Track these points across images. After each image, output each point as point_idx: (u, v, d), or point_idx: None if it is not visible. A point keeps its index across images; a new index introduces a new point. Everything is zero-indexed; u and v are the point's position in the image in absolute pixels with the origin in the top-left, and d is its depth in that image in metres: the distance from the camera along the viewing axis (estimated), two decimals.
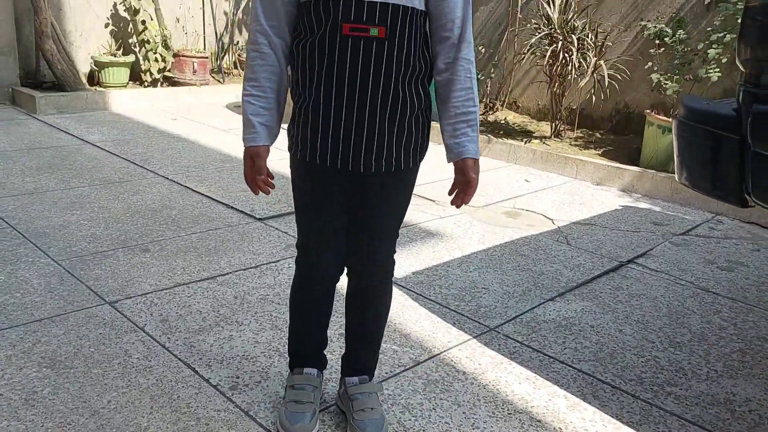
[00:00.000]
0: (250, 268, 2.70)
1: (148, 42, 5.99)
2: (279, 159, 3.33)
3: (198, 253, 2.82)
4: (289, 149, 1.62)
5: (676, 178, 1.94)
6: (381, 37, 1.42)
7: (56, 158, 4.12)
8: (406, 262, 2.87)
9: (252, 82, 1.52)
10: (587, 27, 4.61)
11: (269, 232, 3.14)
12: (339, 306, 2.23)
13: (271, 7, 1.47)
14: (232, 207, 3.47)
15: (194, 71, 6.37)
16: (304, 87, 1.51)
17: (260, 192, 1.61)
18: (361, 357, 1.75)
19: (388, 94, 1.47)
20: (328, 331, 1.78)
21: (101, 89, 5.79)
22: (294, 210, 1.69)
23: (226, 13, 7.10)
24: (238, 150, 4.61)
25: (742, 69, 1.68)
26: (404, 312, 2.40)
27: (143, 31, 5.96)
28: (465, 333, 2.28)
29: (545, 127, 5.27)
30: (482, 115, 5.70)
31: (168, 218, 3.22)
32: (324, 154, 1.52)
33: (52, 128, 4.86)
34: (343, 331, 1.82)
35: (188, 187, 3.74)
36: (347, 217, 1.61)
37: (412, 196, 1.67)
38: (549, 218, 3.65)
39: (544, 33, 4.68)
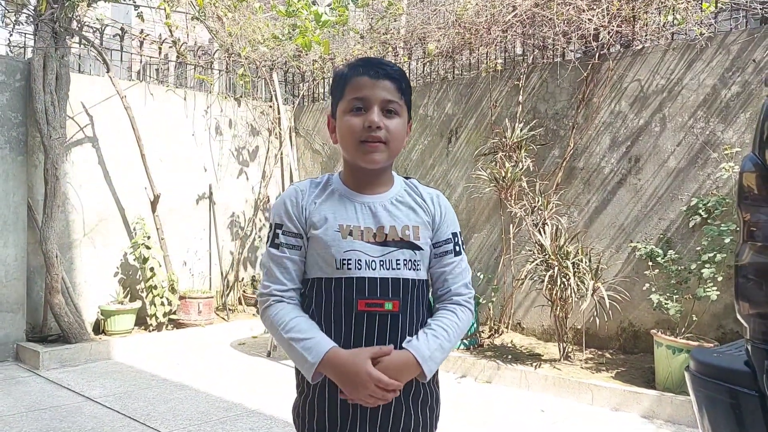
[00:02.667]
0: None
1: (156, 287, 6.16)
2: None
3: None
4: (296, 430, 1.57)
5: None
6: (395, 311, 1.46)
7: (55, 420, 3.99)
8: None
9: (286, 316, 1.47)
10: (580, 251, 4.78)
11: None
12: None
13: (289, 274, 1.51)
14: None
15: (199, 312, 6.46)
16: None
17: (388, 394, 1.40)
18: None
19: None
20: None
21: (106, 338, 5.81)
22: None
23: (231, 253, 7.40)
24: (240, 395, 4.49)
25: (744, 324, 1.70)
26: None
27: (151, 277, 6.15)
28: None
29: (553, 349, 5.21)
30: (488, 338, 5.67)
31: None
32: (333, 428, 1.46)
33: (54, 385, 4.78)
34: None
35: None
36: None
37: None
38: None
39: (539, 260, 4.84)
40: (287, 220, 1.51)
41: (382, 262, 1.46)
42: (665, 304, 4.38)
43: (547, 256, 4.80)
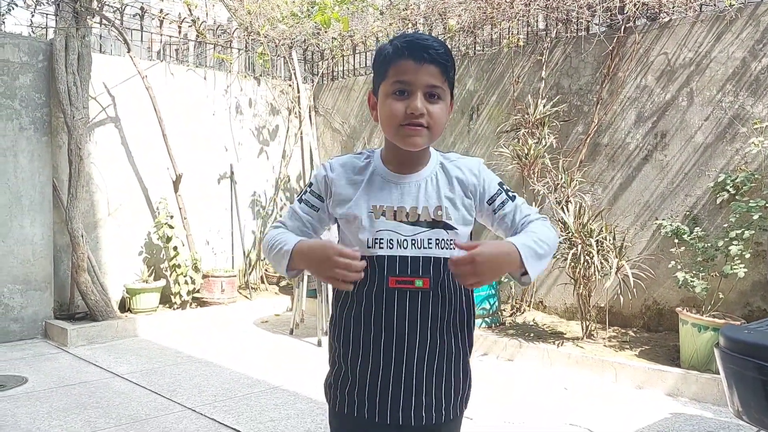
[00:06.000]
0: None
1: (179, 266, 6.22)
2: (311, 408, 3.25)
3: None
4: (328, 402, 1.58)
5: (730, 410, 1.83)
6: (426, 288, 1.46)
7: (84, 396, 4.07)
8: None
9: (272, 237, 1.57)
10: (604, 229, 4.72)
11: None
12: None
13: (291, 223, 1.59)
14: None
15: (222, 290, 6.52)
16: (346, 338, 1.51)
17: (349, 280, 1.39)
18: None
19: (433, 342, 1.48)
20: None
21: (132, 315, 5.90)
22: None
23: (253, 232, 7.44)
24: (264, 372, 4.55)
25: None
26: None
27: (175, 256, 6.21)
28: None
29: (576, 327, 5.18)
30: (510, 316, 5.66)
31: None
32: (362, 406, 1.48)
33: (82, 361, 4.87)
34: None
35: (215, 420, 3.62)
36: None
37: None
38: None
39: (562, 238, 4.79)
40: (317, 183, 1.58)
41: (413, 241, 1.47)
42: (691, 281, 4.32)
43: (570, 234, 4.75)
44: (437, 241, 1.48)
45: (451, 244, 1.49)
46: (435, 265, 1.48)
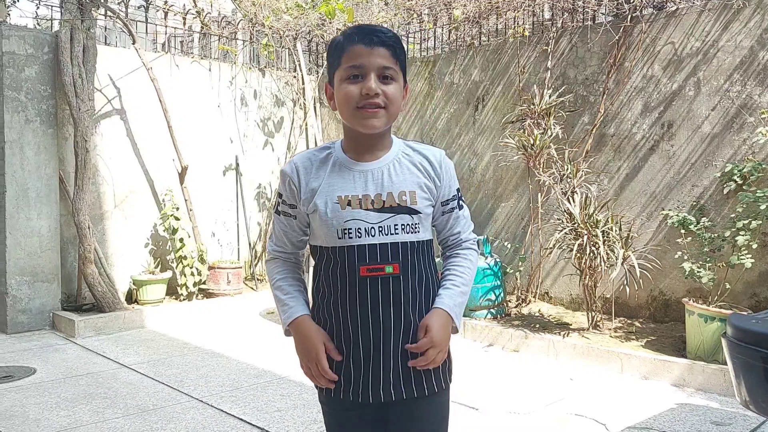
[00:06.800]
0: None
1: (185, 258, 6.24)
2: None
3: None
4: (316, 386, 1.66)
5: (737, 400, 1.83)
6: (396, 273, 1.53)
7: (92, 386, 4.09)
8: None
9: (277, 275, 1.68)
10: (610, 220, 4.71)
11: None
12: None
13: (284, 238, 1.67)
14: (266, 431, 3.34)
15: (228, 282, 6.54)
16: (325, 326, 1.60)
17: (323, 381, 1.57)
18: None
19: (407, 323, 1.55)
20: None
21: (138, 307, 5.93)
22: None
23: (259, 224, 7.45)
24: (270, 363, 4.56)
25: None
26: None
27: (181, 248, 6.23)
28: None
29: (581, 318, 5.18)
30: (515, 307, 5.66)
31: None
32: (346, 389, 1.56)
33: (89, 352, 4.90)
34: None
35: (222, 410, 3.64)
36: None
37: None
38: (601, 423, 3.43)
39: (568, 228, 4.78)
40: (285, 191, 1.62)
41: (380, 228, 1.52)
42: (697, 272, 4.31)
43: (576, 225, 4.74)
44: (403, 227, 1.54)
45: (417, 227, 1.56)
46: (403, 250, 1.54)
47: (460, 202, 1.67)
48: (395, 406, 1.56)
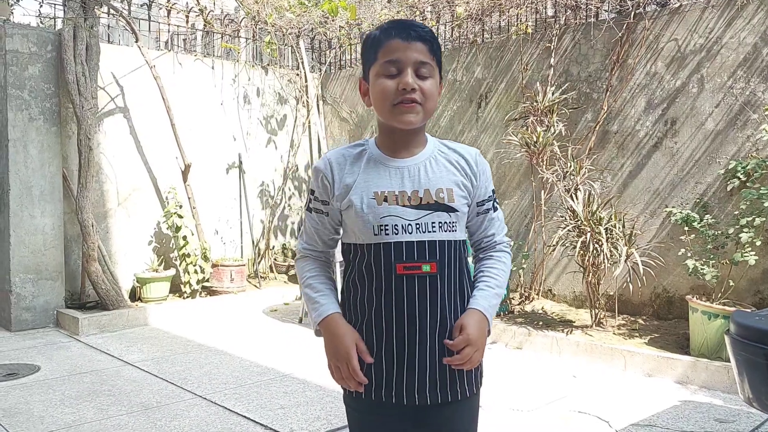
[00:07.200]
0: None
1: (189, 255, 6.25)
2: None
3: None
4: (343, 388, 1.61)
5: (741, 397, 1.82)
6: (433, 272, 1.49)
7: (96, 383, 4.11)
8: None
9: (307, 272, 1.63)
10: (613, 217, 4.70)
11: None
12: None
13: (315, 236, 1.62)
14: (270, 428, 3.35)
15: (231, 279, 6.55)
16: (357, 324, 1.55)
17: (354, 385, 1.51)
18: None
19: (443, 323, 1.51)
20: None
21: (142, 305, 5.94)
22: None
23: (262, 221, 7.46)
24: (273, 360, 4.57)
25: None
26: None
27: (184, 246, 6.24)
28: None
29: (585, 315, 5.18)
30: (519, 305, 5.66)
31: None
32: (378, 389, 1.51)
33: (93, 350, 4.92)
34: None
35: (225, 407, 3.65)
36: None
37: None
38: (604, 420, 3.43)
39: (571, 226, 4.77)
40: (318, 188, 1.57)
41: (418, 226, 1.48)
42: (701, 269, 4.30)
43: (579, 222, 4.74)
44: (440, 224, 1.50)
45: (454, 225, 1.52)
46: (440, 249, 1.50)
47: (495, 203, 1.64)
48: (429, 409, 1.52)
